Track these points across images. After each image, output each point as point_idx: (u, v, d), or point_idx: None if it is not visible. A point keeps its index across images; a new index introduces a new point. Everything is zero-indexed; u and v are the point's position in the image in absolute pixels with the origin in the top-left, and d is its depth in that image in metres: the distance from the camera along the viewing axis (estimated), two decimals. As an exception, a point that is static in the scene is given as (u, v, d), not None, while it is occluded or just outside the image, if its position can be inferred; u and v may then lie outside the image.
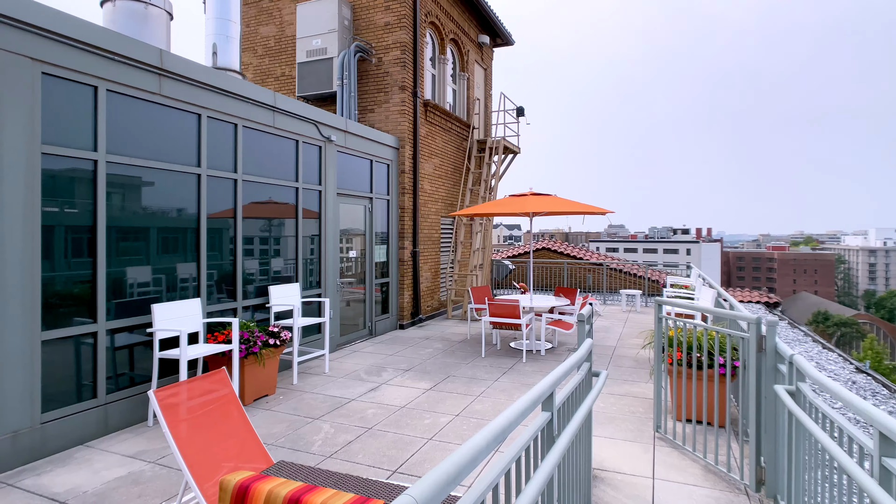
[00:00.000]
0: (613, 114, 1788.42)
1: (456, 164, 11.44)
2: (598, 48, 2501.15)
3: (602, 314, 11.29)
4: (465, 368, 6.58)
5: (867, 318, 69.61)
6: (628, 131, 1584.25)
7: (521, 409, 1.86)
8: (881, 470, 1.83)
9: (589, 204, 7.83)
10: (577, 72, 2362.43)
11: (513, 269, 13.89)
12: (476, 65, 12.43)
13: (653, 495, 3.47)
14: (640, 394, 5.60)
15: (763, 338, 3.51)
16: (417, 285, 9.52)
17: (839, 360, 11.13)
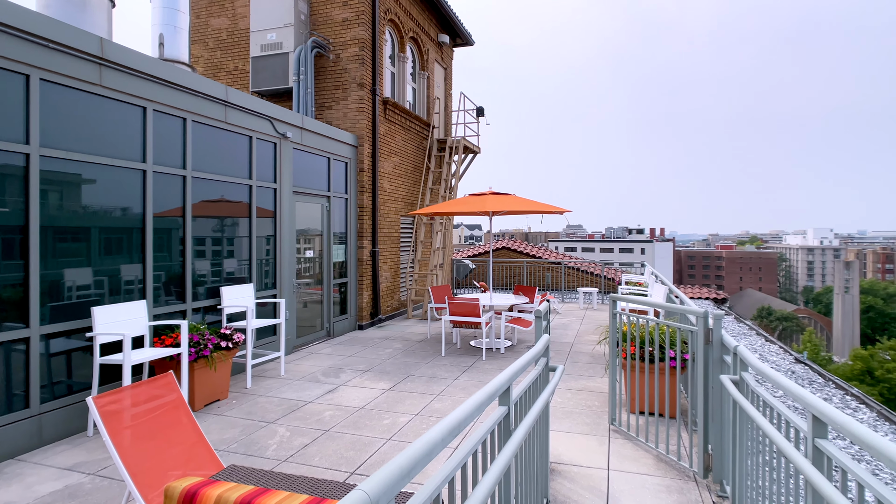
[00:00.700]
0: (571, 115, 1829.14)
1: (416, 163, 11.40)
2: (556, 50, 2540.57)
3: (560, 312, 11.52)
4: (425, 368, 6.56)
5: (806, 312, 74.33)
6: (586, 133, 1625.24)
7: (478, 403, 1.86)
8: (814, 450, 1.93)
9: (547, 203, 7.97)
10: (535, 73, 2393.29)
11: (473, 269, 13.98)
12: (436, 64, 12.43)
13: (608, 486, 3.55)
14: (597, 388, 5.74)
15: (710, 331, 3.65)
16: (377, 285, 9.42)
17: (780, 351, 11.77)
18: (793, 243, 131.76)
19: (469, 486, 1.67)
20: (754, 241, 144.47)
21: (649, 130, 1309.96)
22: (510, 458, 1.97)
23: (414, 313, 10.63)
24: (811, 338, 53.22)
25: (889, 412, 7.41)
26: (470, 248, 19.50)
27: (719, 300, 18.61)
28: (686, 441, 4.27)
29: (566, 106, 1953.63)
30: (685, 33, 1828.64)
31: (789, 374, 9.41)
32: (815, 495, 1.93)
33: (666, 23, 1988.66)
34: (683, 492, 3.48)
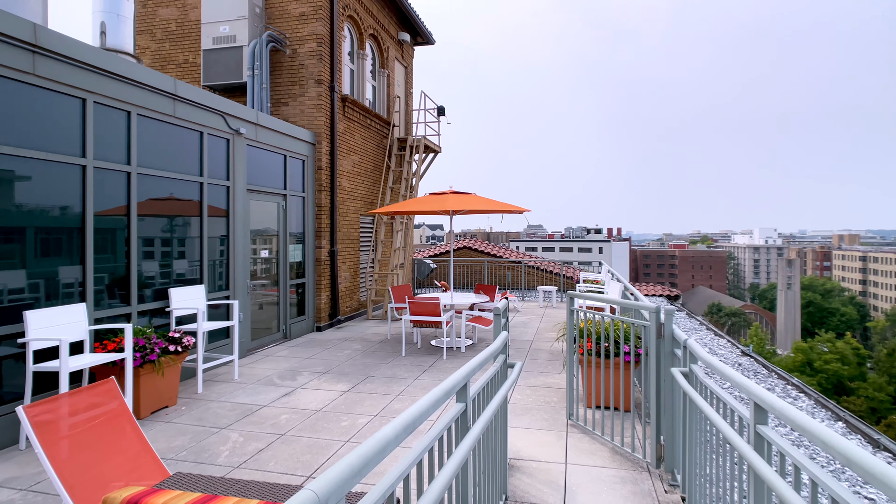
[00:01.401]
0: (532, 117, 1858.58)
1: (376, 162, 11.28)
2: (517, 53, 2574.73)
3: (520, 310, 11.67)
4: (385, 368, 6.49)
5: (753, 308, 78.39)
6: (546, 134, 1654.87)
7: (433, 400, 1.84)
8: (756, 436, 2.02)
9: (507, 203, 8.04)
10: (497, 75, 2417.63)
11: (434, 268, 13.97)
12: (396, 62, 12.35)
13: (565, 479, 3.61)
14: (555, 384, 5.83)
15: (662, 325, 3.77)
16: (335, 286, 9.26)
17: (728, 345, 12.33)
18: (740, 242, 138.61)
19: (426, 482, 1.64)
20: (705, 240, 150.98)
21: (608, 133, 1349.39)
22: (467, 454, 1.96)
23: (374, 314, 10.51)
24: (757, 332, 56.25)
25: (826, 400, 7.88)
26: (431, 247, 19.49)
27: (672, 297, 19.34)
28: (640, 433, 4.39)
29: (527, 107, 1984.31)
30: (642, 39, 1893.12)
31: (736, 366, 9.86)
32: (756, 479, 2.01)
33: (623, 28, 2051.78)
34: (637, 482, 3.57)
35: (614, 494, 3.41)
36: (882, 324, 59.15)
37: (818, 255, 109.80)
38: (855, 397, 42.37)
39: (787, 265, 73.06)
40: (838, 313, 74.71)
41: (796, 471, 1.72)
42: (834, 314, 74.60)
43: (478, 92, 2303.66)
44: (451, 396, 2.22)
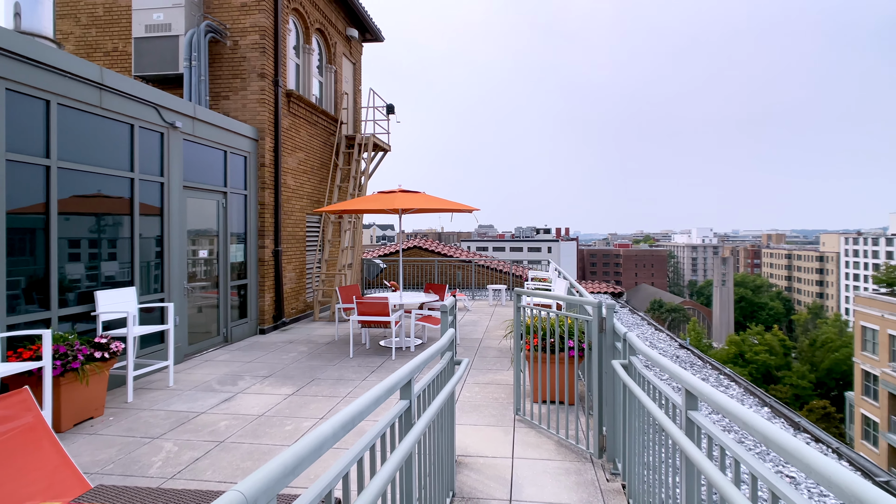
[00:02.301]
0: (483, 118, 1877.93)
1: (323, 160, 11.03)
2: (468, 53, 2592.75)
3: (470, 309, 11.75)
4: (332, 370, 6.34)
5: (691, 304, 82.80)
6: (497, 136, 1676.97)
7: (375, 397, 1.80)
8: (687, 422, 2.10)
9: (456, 202, 8.06)
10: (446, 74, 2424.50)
11: (384, 268, 13.83)
12: (344, 58, 12.13)
13: (512, 473, 3.64)
14: (503, 381, 5.89)
15: (604, 319, 3.88)
16: (280, 287, 8.96)
17: (668, 339, 12.93)
18: (680, 242, 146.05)
19: (366, 480, 1.60)
20: (648, 239, 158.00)
21: (557, 135, 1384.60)
22: (409, 451, 1.93)
23: (321, 315, 10.27)
24: (694, 326, 59.51)
25: (754, 388, 8.40)
26: (381, 247, 19.28)
27: (616, 294, 20.10)
28: (584, 425, 4.50)
29: (477, 108, 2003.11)
30: (588, 44, 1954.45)
31: (674, 358, 10.35)
32: (688, 463, 2.10)
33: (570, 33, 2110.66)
34: (580, 472, 3.66)
35: (559, 485, 3.48)
36: (805, 317, 64.11)
37: (749, 253, 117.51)
38: (781, 385, 45.66)
39: (722, 263, 77.72)
40: (767, 307, 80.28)
41: (722, 452, 1.80)
42: (763, 308, 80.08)
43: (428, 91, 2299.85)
44: (395, 394, 2.19)
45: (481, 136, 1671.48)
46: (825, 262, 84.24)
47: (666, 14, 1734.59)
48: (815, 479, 1.07)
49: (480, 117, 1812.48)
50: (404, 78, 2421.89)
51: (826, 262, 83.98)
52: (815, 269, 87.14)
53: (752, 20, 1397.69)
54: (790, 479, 4.62)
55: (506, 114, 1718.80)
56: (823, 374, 46.19)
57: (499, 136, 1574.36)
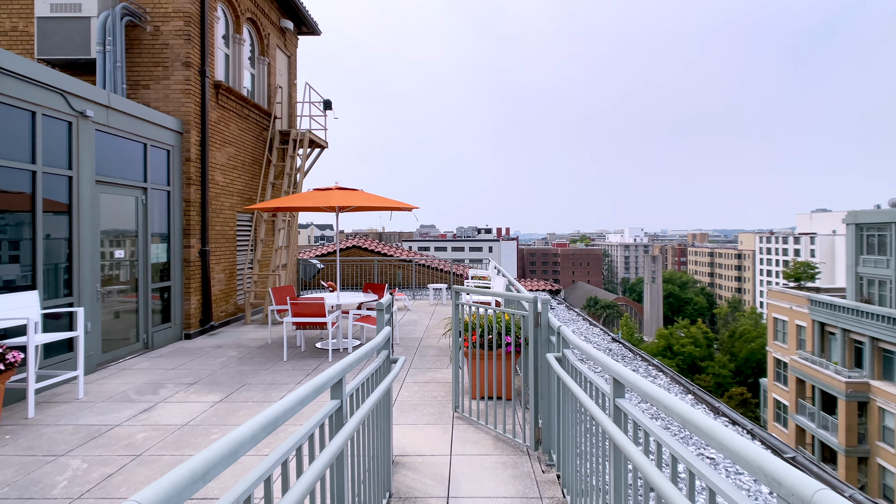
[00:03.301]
0: (425, 117, 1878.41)
1: (255, 156, 10.55)
2: (409, 51, 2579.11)
3: (411, 308, 11.67)
4: (265, 374, 6.05)
5: (624, 300, 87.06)
6: (439, 135, 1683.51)
7: (301, 397, 1.71)
8: (614, 409, 2.15)
9: (395, 200, 7.95)
10: (388, 72, 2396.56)
11: (321, 269, 13.44)
12: (278, 50, 11.67)
13: (450, 471, 3.62)
14: (443, 379, 5.87)
15: (539, 314, 3.93)
16: (208, 289, 8.47)
17: (601, 333, 13.47)
18: (613, 241, 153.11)
19: (292, 482, 1.51)
20: (584, 239, 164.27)
21: (498, 136, 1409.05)
22: (338, 451, 1.85)
23: (253, 318, 9.81)
24: (627, 321, 62.64)
25: (679, 377, 8.91)
26: (319, 247, 18.76)
27: (554, 291, 20.73)
28: (521, 419, 4.55)
29: (419, 107, 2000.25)
30: (527, 46, 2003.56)
31: (607, 351, 10.78)
32: (615, 449, 2.14)
33: (510, 35, 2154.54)
34: (517, 465, 3.69)
35: (496, 479, 3.49)
36: (725, 310, 69.17)
37: (676, 251, 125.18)
38: (705, 374, 49.05)
39: (652, 261, 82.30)
40: (692, 302, 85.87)
41: (646, 436, 1.85)
42: (689, 303, 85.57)
43: (369, 89, 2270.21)
44: (326, 393, 2.10)
45: (423, 135, 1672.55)
46: (743, 259, 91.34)
47: (601, 21, 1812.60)
48: (725, 454, 1.10)
49: (422, 116, 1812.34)
50: (344, 74, 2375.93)
51: (743, 260, 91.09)
52: (734, 265, 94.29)
53: (682, 31, 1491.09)
54: (710, 459, 4.91)
55: (448, 114, 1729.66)
56: (742, 363, 50.13)
57: (441, 136, 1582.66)
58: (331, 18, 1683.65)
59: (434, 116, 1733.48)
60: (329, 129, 19.52)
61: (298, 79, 12.93)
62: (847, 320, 24.10)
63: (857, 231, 26.14)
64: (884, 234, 24.41)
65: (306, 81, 11.41)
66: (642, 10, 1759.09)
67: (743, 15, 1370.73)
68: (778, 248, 75.93)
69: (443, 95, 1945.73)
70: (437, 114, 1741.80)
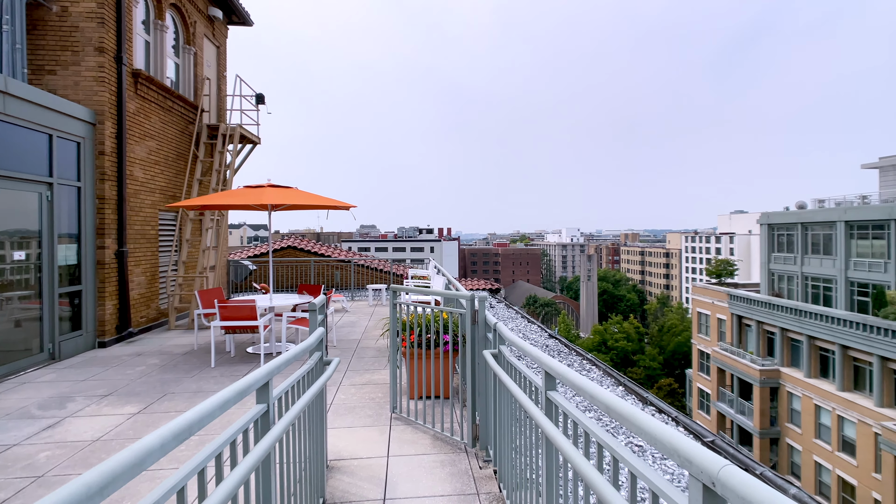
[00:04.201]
0: (365, 115, 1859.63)
1: (180, 151, 9.91)
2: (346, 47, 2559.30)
3: (349, 310, 11.42)
4: (189, 382, 5.68)
5: (562, 298, 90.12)
6: (380, 134, 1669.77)
7: (220, 401, 1.59)
8: (546, 402, 2.17)
9: (332, 198, 7.74)
10: (326, 68, 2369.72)
11: (254, 270, 12.86)
12: (206, 40, 11.05)
13: (387, 472, 3.55)
14: (381, 380, 5.77)
15: (476, 311, 3.95)
16: (125, 292, 7.84)
17: (539, 330, 13.82)
18: (552, 241, 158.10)
19: (209, 492, 1.40)
20: (524, 239, 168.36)
21: (439, 136, 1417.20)
22: (262, 457, 1.74)
23: (178, 323, 9.21)
24: (564, 319, 65.00)
25: (612, 370, 9.29)
26: (252, 248, 17.97)
27: (494, 290, 21.06)
28: (459, 417, 4.55)
29: (359, 105, 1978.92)
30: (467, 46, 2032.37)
31: (544, 347, 11.07)
32: (547, 441, 2.16)
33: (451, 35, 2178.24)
34: (455, 463, 3.68)
35: (433, 478, 3.46)
36: (654, 306, 73.32)
37: (610, 250, 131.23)
38: (636, 367, 51.79)
39: (588, 260, 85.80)
40: (625, 299, 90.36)
41: (575, 427, 1.88)
42: (622, 300, 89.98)
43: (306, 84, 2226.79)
44: (251, 397, 1.97)
45: (364, 134, 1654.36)
46: (670, 257, 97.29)
47: (540, 25, 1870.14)
48: (644, 438, 1.12)
49: (362, 115, 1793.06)
50: (279, 69, 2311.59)
51: (671, 258, 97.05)
52: (663, 263, 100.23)
53: (614, 37, 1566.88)
54: (639, 447, 5.14)
55: (389, 113, 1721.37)
56: (670, 355, 53.40)
57: (382, 135, 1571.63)
58: (264, 10, 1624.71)
59: (374, 115, 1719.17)
60: (262, 124, 18.71)
61: (229, 71, 12.32)
62: (760, 313, 26.26)
63: (770, 231, 28.55)
64: (791, 234, 26.81)
65: (237, 74, 10.88)
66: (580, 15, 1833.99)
67: (671, 26, 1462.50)
68: (701, 247, 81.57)
69: (383, 94, 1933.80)
70: (377, 113, 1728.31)
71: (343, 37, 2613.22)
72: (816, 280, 25.22)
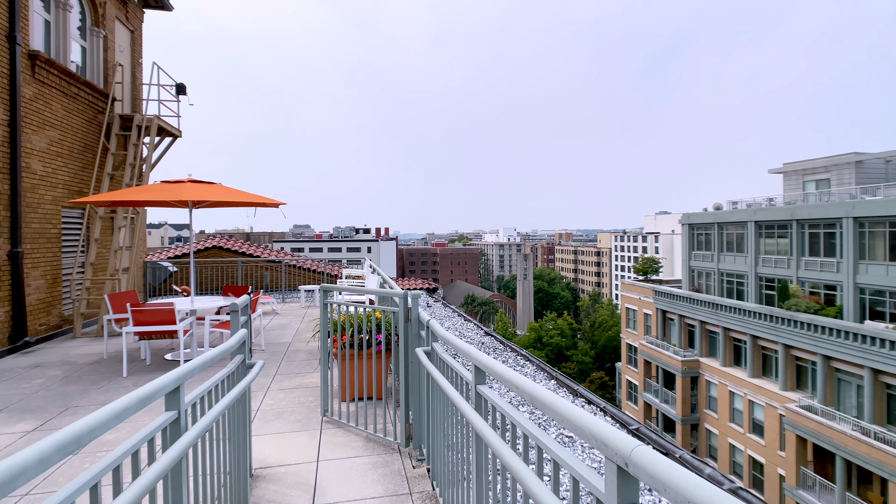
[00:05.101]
0: (296, 112, 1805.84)
1: (88, 142, 9.07)
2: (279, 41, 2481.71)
3: (280, 312, 10.97)
4: (97, 394, 5.19)
5: (499, 297, 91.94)
6: (313, 131, 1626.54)
7: (118, 409, 1.45)
8: (476, 396, 2.15)
9: (260, 195, 7.38)
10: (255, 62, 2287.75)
11: (175, 272, 12.02)
12: (119, 23, 10.19)
13: (316, 477, 3.42)
14: (312, 384, 5.58)
15: (409, 309, 3.89)
16: (21, 297, 7.03)
17: (475, 328, 13.99)
18: (489, 240, 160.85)
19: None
20: (462, 239, 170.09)
21: (377, 135, 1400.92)
22: (168, 468, 1.59)
23: (85, 331, 8.40)
24: (501, 317, 66.36)
25: (545, 365, 9.56)
26: (174, 248, 16.83)
27: (432, 290, 21.10)
28: (392, 416, 4.48)
29: (292, 101, 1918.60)
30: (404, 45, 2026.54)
31: (480, 344, 11.21)
32: (477, 437, 2.15)
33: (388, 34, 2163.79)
34: (388, 464, 3.61)
35: (365, 480, 3.37)
36: (587, 303, 76.59)
37: (545, 249, 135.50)
38: (570, 362, 53.84)
39: (524, 259, 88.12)
40: (559, 297, 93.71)
41: (503, 419, 1.87)
42: (556, 297, 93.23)
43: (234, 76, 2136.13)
44: (148, 404, 1.81)
45: (297, 130, 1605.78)
46: (601, 256, 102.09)
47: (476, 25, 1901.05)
48: (565, 425, 1.11)
49: (296, 111, 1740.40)
50: (205, 60, 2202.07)
51: (602, 256, 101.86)
52: (594, 262, 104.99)
53: (548, 41, 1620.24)
54: (569, 437, 5.31)
55: (324, 110, 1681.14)
56: (601, 350, 56.01)
57: (318, 133, 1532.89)
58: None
59: (310, 112, 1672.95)
60: (183, 116, 17.59)
61: (146, 58, 11.45)
62: (682, 307, 28.13)
63: (690, 230, 30.65)
64: (709, 233, 28.92)
65: (154, 62, 10.11)
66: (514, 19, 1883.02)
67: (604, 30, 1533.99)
68: (630, 246, 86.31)
69: (317, 90, 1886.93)
70: (313, 109, 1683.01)
71: (276, 28, 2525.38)
72: (731, 276, 27.39)
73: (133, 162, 9.28)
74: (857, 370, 18.54)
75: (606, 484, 0.96)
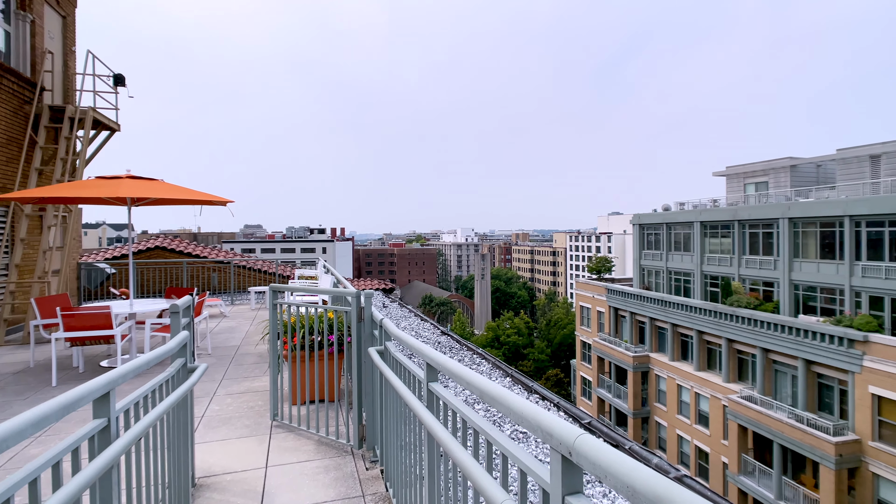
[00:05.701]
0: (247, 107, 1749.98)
1: (12, 135, 8.40)
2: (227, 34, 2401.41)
3: (228, 315, 10.56)
4: (21, 406, 4.81)
5: (457, 297, 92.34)
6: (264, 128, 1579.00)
7: (33, 419, 1.36)
8: (428, 393, 2.12)
9: (205, 192, 7.06)
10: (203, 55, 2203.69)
11: (112, 274, 11.32)
12: (48, 7, 9.50)
13: (265, 484, 3.30)
14: (261, 388, 5.40)
15: (362, 308, 3.82)
16: (-61, 302, 6.46)
17: (432, 328, 13.98)
18: (447, 241, 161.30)
19: None
20: (420, 239, 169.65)
21: (331, 134, 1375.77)
22: (93, 479, 1.48)
23: (8, 338, 7.78)
24: (460, 317, 66.73)
25: (500, 363, 9.65)
26: (112, 249, 15.89)
27: (388, 290, 20.93)
28: (345, 418, 4.39)
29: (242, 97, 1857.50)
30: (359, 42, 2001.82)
31: (436, 344, 11.19)
32: (429, 434, 2.12)
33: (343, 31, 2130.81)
34: (340, 467, 3.53)
35: (316, 484, 3.28)
36: (543, 302, 78.11)
37: (503, 249, 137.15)
38: (527, 360, 54.77)
39: (482, 259, 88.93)
40: (516, 296, 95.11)
41: (454, 416, 1.85)
42: (513, 297, 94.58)
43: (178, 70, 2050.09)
44: (72, 412, 1.67)
45: (249, 127, 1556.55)
46: (557, 255, 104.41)
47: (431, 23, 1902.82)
48: (512, 417, 1.10)
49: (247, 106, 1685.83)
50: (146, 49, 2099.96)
51: (557, 256, 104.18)
52: (550, 261, 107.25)
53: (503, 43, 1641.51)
54: (523, 433, 5.37)
55: (278, 107, 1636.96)
56: (556, 347, 57.27)
57: (271, 130, 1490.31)
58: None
59: (261, 107, 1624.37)
60: (123, 109, 16.65)
61: (81, 47, 10.74)
62: (633, 305, 29.15)
63: (640, 230, 31.84)
64: (658, 233, 30.12)
65: (89, 50, 9.49)
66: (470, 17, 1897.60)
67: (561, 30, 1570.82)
68: (584, 246, 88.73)
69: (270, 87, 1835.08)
70: (266, 106, 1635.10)
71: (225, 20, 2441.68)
72: (679, 274, 28.65)
73: (65, 157, 8.67)
74: (791, 361, 19.81)
75: (552, 473, 0.95)
